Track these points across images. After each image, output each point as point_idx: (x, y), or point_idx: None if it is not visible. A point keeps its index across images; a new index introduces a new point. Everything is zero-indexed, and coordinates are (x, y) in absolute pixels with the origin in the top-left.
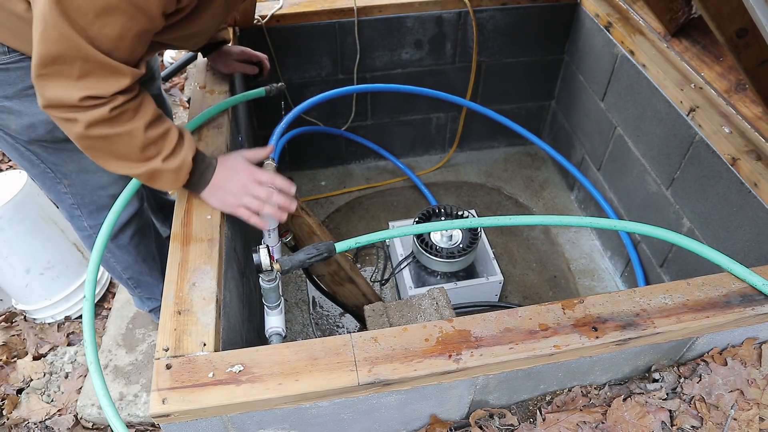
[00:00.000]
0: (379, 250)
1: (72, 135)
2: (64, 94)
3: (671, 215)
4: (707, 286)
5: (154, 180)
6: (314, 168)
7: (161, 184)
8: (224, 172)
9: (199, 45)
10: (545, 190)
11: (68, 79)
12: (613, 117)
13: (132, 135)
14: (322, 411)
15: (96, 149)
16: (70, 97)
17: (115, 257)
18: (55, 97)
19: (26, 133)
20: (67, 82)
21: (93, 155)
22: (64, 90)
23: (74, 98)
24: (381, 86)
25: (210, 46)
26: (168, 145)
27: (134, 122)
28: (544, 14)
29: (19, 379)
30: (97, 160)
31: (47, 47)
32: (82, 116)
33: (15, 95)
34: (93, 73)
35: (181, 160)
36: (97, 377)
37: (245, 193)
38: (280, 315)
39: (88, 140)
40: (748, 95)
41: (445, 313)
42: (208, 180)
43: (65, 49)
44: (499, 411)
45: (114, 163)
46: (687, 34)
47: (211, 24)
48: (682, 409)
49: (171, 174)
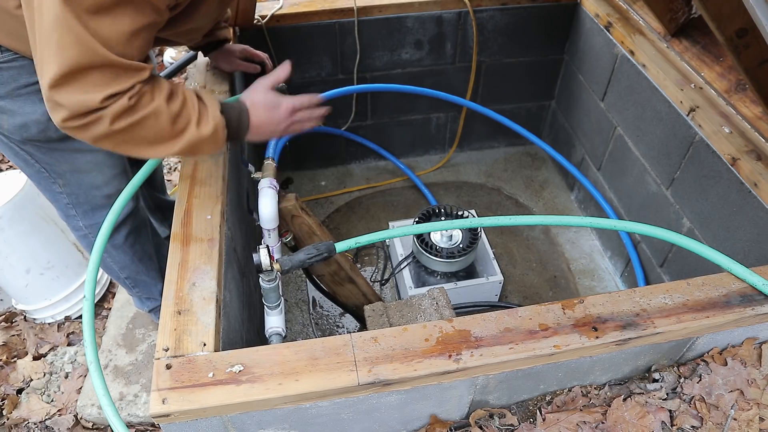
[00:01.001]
0: (379, 250)
1: (97, 136)
2: (86, 98)
3: (671, 215)
4: (707, 286)
5: (197, 149)
6: (314, 168)
7: (205, 150)
8: (258, 110)
9: (195, 40)
10: (545, 190)
11: (88, 84)
12: (613, 117)
13: (157, 113)
14: (322, 411)
15: (127, 141)
16: (92, 101)
17: (112, 257)
18: (78, 104)
19: (19, 133)
20: (88, 87)
21: (126, 149)
22: (85, 95)
23: (96, 101)
24: (381, 86)
25: (211, 44)
26: (194, 111)
27: (155, 101)
28: (544, 14)
29: (19, 379)
30: (132, 153)
31: (65, 54)
32: (105, 113)
33: (8, 94)
34: (111, 75)
35: (214, 120)
36: (97, 377)
37: (289, 123)
38: (280, 315)
39: (116, 135)
40: (748, 95)
41: (445, 313)
42: (247, 124)
43: (83, 55)
44: (499, 411)
45: (151, 148)
46: (687, 34)
47: (206, 20)
48: (682, 409)
49: (210, 138)
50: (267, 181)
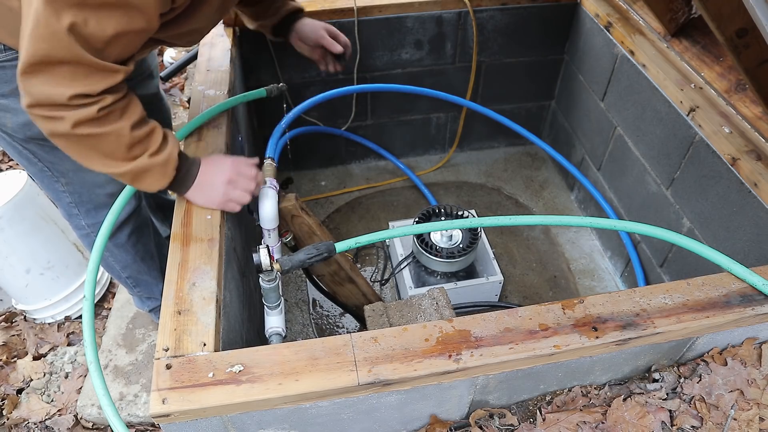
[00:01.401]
0: (379, 250)
1: (55, 133)
2: (52, 91)
3: (671, 215)
4: (707, 286)
5: (140, 178)
6: (314, 168)
7: (148, 182)
8: (207, 167)
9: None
10: (545, 190)
11: (57, 78)
12: (613, 117)
13: (119, 134)
14: (322, 411)
15: (80, 147)
16: (59, 95)
17: (114, 256)
18: (43, 95)
19: (22, 131)
20: (56, 80)
21: (76, 153)
22: (52, 88)
23: (63, 96)
24: (381, 86)
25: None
26: (154, 143)
27: (121, 122)
28: (544, 14)
29: (19, 379)
30: (80, 159)
31: (37, 45)
32: (69, 114)
33: (11, 93)
34: (82, 73)
35: (168, 155)
36: (97, 377)
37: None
38: (280, 315)
39: (73, 138)
40: (748, 95)
41: (445, 313)
42: (194, 176)
43: (55, 49)
44: (499, 411)
45: (99, 161)
46: (687, 34)
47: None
48: (682, 409)
49: (158, 169)
50: (267, 181)
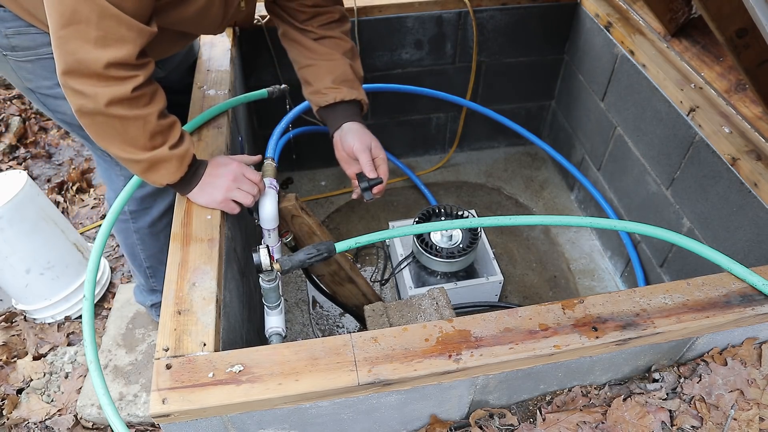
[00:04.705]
0: (379, 250)
1: (83, 110)
2: (87, 56)
3: (671, 215)
4: (707, 286)
5: (154, 168)
6: (314, 168)
7: (160, 174)
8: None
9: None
10: (545, 190)
11: (88, 39)
12: (613, 117)
13: (146, 120)
14: (322, 411)
15: (105, 129)
16: (95, 61)
17: (144, 243)
18: (78, 62)
19: None
20: (88, 43)
21: (99, 134)
22: (86, 52)
23: (99, 63)
24: (381, 86)
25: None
26: (174, 135)
27: (150, 107)
28: (544, 14)
29: (19, 379)
30: (100, 141)
31: (62, 4)
32: (104, 91)
33: None
34: (110, 30)
35: (185, 149)
36: (97, 377)
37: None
38: (280, 315)
39: (100, 118)
40: (748, 95)
41: (445, 313)
42: (201, 176)
43: (79, 3)
44: (499, 411)
45: (119, 146)
46: (687, 34)
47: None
48: (682, 409)
49: (175, 161)
50: (267, 181)
